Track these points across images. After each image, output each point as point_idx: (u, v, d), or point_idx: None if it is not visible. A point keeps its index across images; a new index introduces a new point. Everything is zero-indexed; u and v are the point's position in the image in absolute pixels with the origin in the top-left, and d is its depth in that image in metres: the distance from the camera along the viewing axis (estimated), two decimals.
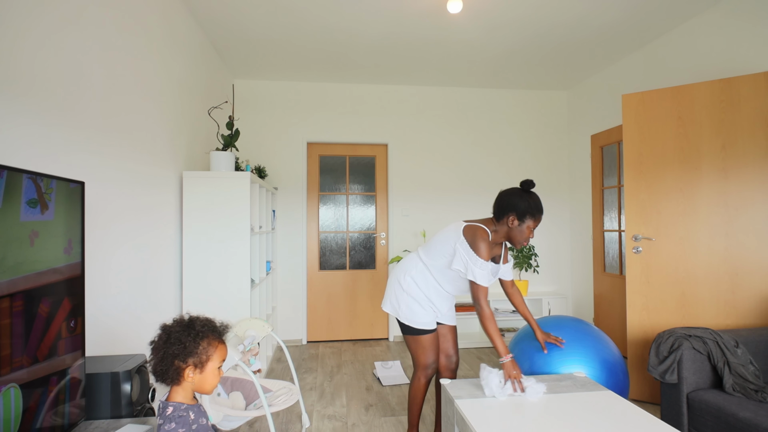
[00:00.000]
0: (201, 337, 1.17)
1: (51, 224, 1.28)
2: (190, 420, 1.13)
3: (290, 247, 4.51)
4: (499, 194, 2.12)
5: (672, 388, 2.16)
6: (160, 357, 1.14)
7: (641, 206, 2.92)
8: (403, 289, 2.19)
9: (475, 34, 3.47)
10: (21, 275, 1.15)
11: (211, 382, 1.19)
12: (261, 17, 3.18)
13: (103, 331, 1.97)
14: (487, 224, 2.09)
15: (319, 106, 4.58)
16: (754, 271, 2.61)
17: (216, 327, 1.23)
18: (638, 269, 2.91)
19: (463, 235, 2.05)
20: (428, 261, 2.17)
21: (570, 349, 2.11)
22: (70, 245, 1.38)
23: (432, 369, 2.21)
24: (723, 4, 2.97)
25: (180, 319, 1.20)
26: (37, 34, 1.55)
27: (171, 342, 1.14)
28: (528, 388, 1.82)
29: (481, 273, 1.98)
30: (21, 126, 1.47)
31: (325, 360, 3.95)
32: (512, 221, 2.03)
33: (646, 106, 2.92)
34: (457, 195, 4.73)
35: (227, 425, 1.91)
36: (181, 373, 1.15)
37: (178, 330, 1.16)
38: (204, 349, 1.17)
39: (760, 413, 1.80)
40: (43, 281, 1.24)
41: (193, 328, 1.17)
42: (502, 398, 1.80)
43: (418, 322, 2.15)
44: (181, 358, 1.14)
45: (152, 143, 2.48)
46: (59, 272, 1.32)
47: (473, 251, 2.00)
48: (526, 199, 2.01)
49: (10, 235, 1.11)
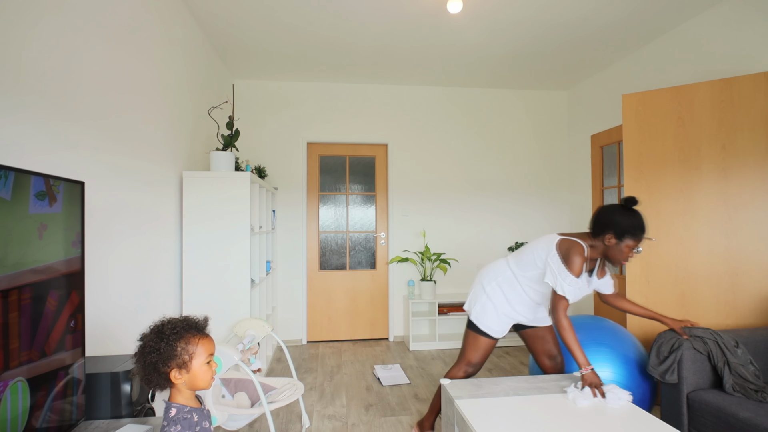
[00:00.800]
0: (175, 339, 1.15)
1: (59, 217, 1.29)
2: (194, 422, 1.13)
3: (290, 247, 4.51)
4: (598, 209, 2.03)
5: (672, 388, 2.16)
6: (141, 366, 1.14)
7: (641, 206, 2.92)
8: (485, 292, 2.20)
9: (475, 34, 3.47)
10: (29, 268, 1.15)
11: (202, 378, 1.17)
12: (261, 17, 3.18)
13: (103, 331, 1.97)
14: (584, 239, 2.01)
15: (319, 106, 4.58)
16: (754, 271, 2.61)
17: (192, 323, 1.20)
18: (638, 269, 2.90)
19: (556, 249, 2.01)
20: (517, 270, 2.15)
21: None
22: (78, 238, 1.39)
23: (474, 369, 2.24)
24: (723, 4, 2.97)
25: (153, 326, 1.18)
26: (37, 34, 1.55)
27: (147, 351, 1.13)
28: (608, 392, 1.76)
29: (570, 289, 1.95)
30: (20, 125, 1.47)
31: (325, 360, 3.95)
32: (610, 239, 1.94)
33: (646, 106, 2.92)
34: (457, 195, 4.73)
35: (233, 425, 1.92)
36: (167, 377, 1.14)
37: (150, 337, 1.15)
38: (183, 349, 1.14)
39: (760, 413, 1.80)
40: (52, 274, 1.25)
41: (163, 333, 1.15)
42: (583, 404, 1.73)
43: (485, 324, 2.17)
44: (162, 363, 1.13)
45: (152, 143, 2.48)
46: (67, 265, 1.33)
47: (564, 266, 1.95)
48: (628, 217, 1.91)
49: (21, 227, 1.12)
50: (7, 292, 1.08)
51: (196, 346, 1.17)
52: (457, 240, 4.72)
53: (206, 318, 1.25)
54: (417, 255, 4.66)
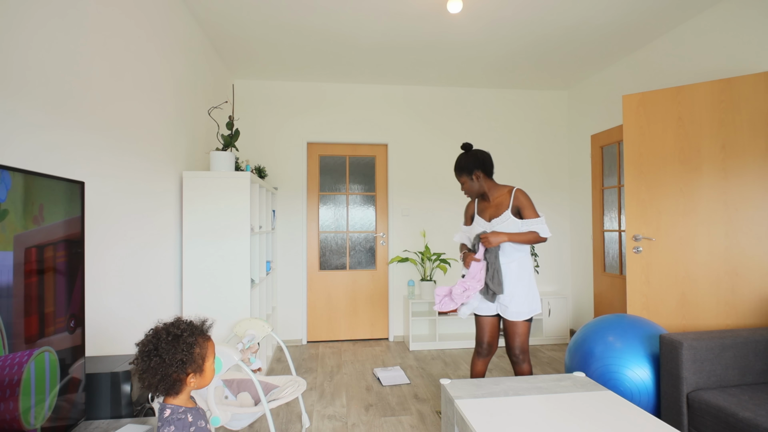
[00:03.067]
0: (193, 345, 1.15)
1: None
2: (188, 422, 1.14)
3: (290, 247, 4.51)
4: (471, 157, 2.45)
5: (672, 388, 2.16)
6: (160, 377, 1.11)
7: (641, 206, 2.92)
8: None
9: (475, 34, 3.47)
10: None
11: (209, 377, 1.22)
12: (261, 17, 3.18)
13: (103, 331, 1.97)
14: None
15: (319, 106, 4.58)
16: (754, 271, 2.61)
17: (200, 328, 1.22)
18: (638, 269, 2.91)
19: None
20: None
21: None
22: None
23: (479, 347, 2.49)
24: (723, 4, 2.97)
25: (158, 335, 1.15)
26: (37, 34, 1.55)
27: (167, 363, 1.11)
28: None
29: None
30: (20, 125, 1.47)
31: (325, 360, 3.95)
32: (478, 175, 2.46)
33: (647, 106, 2.92)
34: (457, 195, 4.73)
35: (236, 424, 1.92)
36: (183, 382, 1.15)
37: (168, 348, 1.13)
38: (198, 354, 1.17)
39: (760, 413, 1.80)
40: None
41: (182, 341, 1.14)
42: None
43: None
44: (181, 370, 1.14)
45: (152, 143, 2.48)
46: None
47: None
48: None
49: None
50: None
51: (206, 348, 1.21)
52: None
53: (206, 319, 1.27)
54: (417, 255, 4.66)
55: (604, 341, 2.34)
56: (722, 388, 2.08)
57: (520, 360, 2.34)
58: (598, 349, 2.34)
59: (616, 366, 2.25)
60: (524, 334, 2.33)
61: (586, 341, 2.42)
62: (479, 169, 2.40)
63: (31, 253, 1.19)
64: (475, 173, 2.41)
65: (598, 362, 2.30)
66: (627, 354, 2.25)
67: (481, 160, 2.41)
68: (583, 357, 2.39)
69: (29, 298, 1.17)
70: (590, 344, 2.39)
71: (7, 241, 1.10)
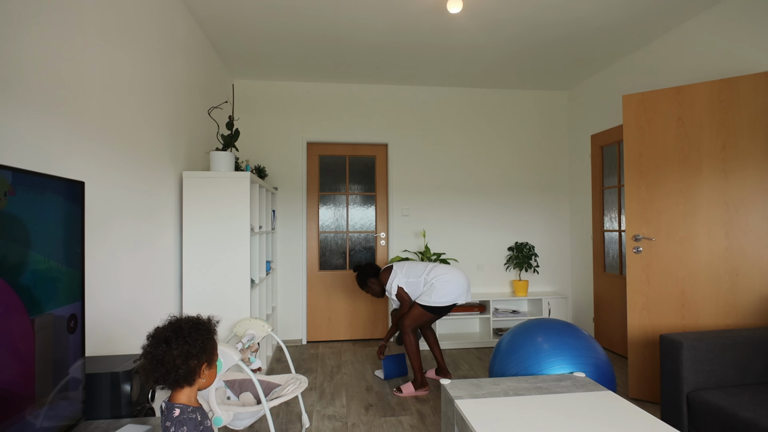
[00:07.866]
0: (213, 333, 1.18)
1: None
2: (198, 421, 1.13)
3: (290, 247, 4.51)
4: (368, 272, 3.34)
5: (672, 388, 2.16)
6: (183, 358, 1.10)
7: (641, 206, 2.92)
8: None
9: (475, 34, 3.47)
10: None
11: (213, 377, 1.22)
12: (261, 17, 3.18)
13: (103, 331, 1.97)
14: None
15: (319, 106, 4.58)
16: (754, 271, 2.61)
17: (213, 324, 1.24)
18: (638, 269, 2.91)
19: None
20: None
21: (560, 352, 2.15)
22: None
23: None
24: (723, 4, 2.97)
25: (178, 323, 1.15)
26: (36, 35, 1.55)
27: (190, 345, 1.11)
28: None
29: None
30: (20, 125, 1.47)
31: (325, 360, 3.95)
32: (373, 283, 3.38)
33: (646, 107, 2.92)
34: (457, 195, 4.73)
35: (239, 424, 1.92)
36: (196, 372, 1.14)
37: (191, 332, 1.13)
38: (215, 347, 1.20)
39: (760, 413, 1.80)
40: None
41: (203, 327, 1.15)
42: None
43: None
44: (199, 357, 1.13)
45: (152, 143, 2.48)
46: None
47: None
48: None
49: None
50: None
51: (216, 345, 1.22)
52: (457, 240, 4.72)
53: (215, 316, 1.30)
54: (417, 255, 4.66)
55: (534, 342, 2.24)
56: (722, 388, 2.08)
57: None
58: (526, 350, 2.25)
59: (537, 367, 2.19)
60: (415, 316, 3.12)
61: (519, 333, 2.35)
62: (370, 278, 3.31)
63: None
64: (369, 281, 3.31)
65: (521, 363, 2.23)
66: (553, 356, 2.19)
67: (366, 273, 3.31)
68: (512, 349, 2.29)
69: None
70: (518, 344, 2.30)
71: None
